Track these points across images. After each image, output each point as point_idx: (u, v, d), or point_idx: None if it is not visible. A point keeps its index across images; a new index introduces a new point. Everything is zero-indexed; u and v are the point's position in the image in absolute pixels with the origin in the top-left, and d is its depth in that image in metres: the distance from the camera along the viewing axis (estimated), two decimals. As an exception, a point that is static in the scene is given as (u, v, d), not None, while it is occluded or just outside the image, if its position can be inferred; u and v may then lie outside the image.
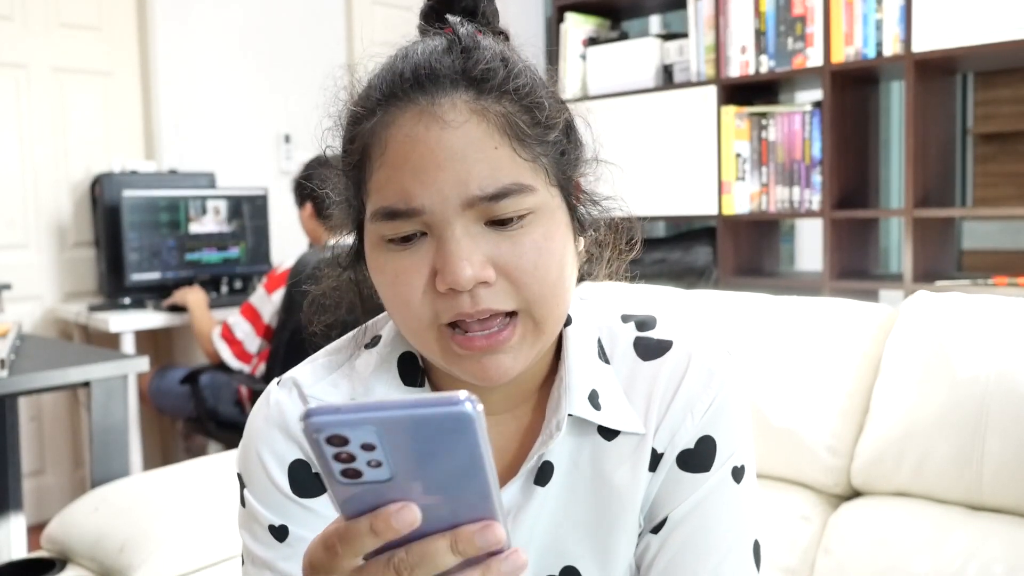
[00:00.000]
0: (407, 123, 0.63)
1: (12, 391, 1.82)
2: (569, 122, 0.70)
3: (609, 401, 0.71)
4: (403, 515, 0.44)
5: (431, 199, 0.62)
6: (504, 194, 0.62)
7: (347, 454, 0.43)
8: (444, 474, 0.44)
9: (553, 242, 0.65)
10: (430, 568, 0.46)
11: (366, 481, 0.44)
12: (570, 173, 0.69)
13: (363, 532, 0.45)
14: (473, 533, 0.45)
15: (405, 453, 0.43)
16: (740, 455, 0.72)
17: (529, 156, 0.64)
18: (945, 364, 1.31)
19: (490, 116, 0.63)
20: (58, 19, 3.21)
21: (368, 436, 0.42)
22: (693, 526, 0.70)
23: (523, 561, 0.47)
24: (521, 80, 0.65)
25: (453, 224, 0.62)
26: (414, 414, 0.42)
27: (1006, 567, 1.17)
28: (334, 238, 0.76)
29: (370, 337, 0.76)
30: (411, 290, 0.63)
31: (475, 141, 0.62)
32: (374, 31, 3.86)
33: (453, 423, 0.42)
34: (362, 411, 0.42)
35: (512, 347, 0.64)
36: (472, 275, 0.61)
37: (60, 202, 3.25)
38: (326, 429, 0.42)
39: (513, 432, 0.73)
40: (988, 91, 4.50)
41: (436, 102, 0.63)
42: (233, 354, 2.67)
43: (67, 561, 1.54)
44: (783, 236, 4.11)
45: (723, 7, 2.82)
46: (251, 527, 0.72)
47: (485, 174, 0.62)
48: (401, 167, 0.63)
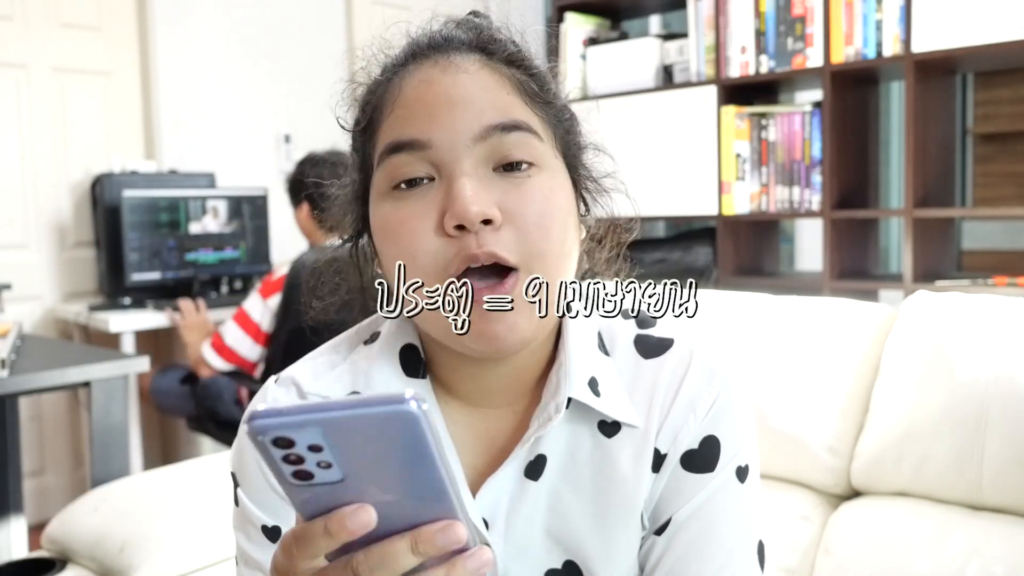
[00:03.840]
0: (423, 70, 0.66)
1: (12, 391, 1.82)
2: (571, 111, 0.73)
3: (609, 390, 0.70)
4: (358, 516, 0.44)
5: (442, 135, 0.63)
6: (515, 127, 0.64)
7: (295, 456, 0.43)
8: (397, 474, 0.44)
9: (558, 197, 0.66)
10: (391, 570, 0.45)
11: (318, 483, 0.44)
12: (575, 152, 0.71)
13: (318, 534, 0.45)
14: (434, 533, 0.45)
15: (353, 453, 0.43)
16: (744, 455, 0.72)
17: (538, 112, 0.67)
18: (945, 364, 1.31)
19: (501, 72, 0.67)
20: (58, 19, 3.21)
21: (313, 437, 0.42)
22: (697, 527, 0.70)
23: (488, 558, 0.47)
24: (529, 56, 0.69)
25: (462, 161, 0.63)
26: (356, 414, 0.41)
27: (1006, 567, 1.17)
28: (332, 237, 0.76)
29: (370, 333, 0.76)
30: (417, 237, 0.63)
31: (488, 85, 0.65)
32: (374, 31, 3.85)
33: (398, 422, 0.42)
34: (305, 412, 0.41)
35: (518, 307, 0.63)
36: (479, 211, 0.61)
37: (60, 202, 3.25)
38: (270, 431, 0.42)
39: (511, 425, 0.72)
40: (988, 91, 4.50)
41: (451, 56, 0.66)
42: (223, 359, 2.67)
43: (67, 561, 1.54)
44: (783, 236, 4.11)
45: (723, 7, 2.82)
46: (245, 528, 0.72)
47: (498, 110, 0.65)
48: (414, 106, 0.65)
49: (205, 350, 2.70)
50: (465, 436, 0.72)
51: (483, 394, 0.72)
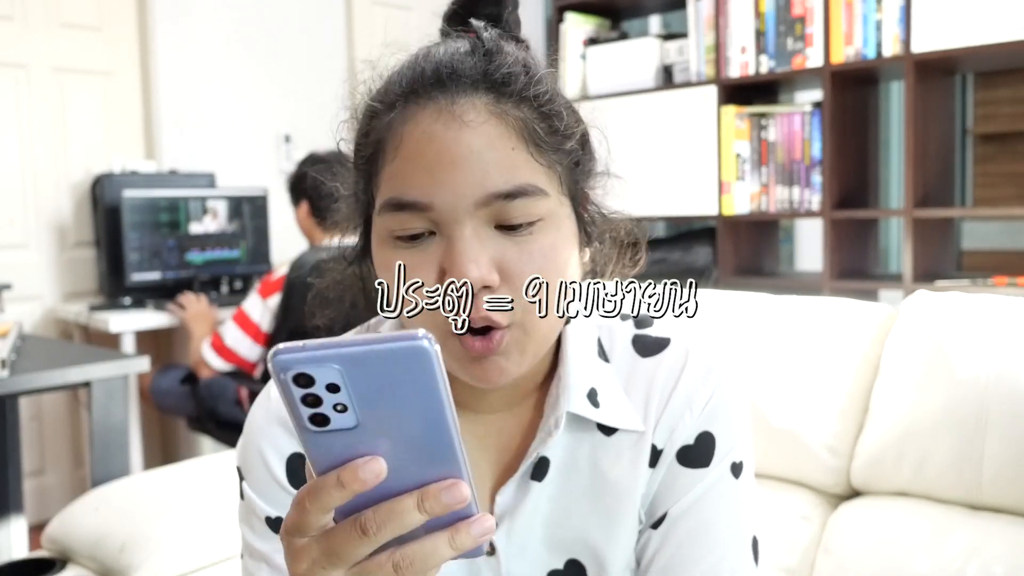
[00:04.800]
0: (425, 120, 0.63)
1: (12, 391, 1.82)
2: (584, 134, 0.70)
3: (608, 399, 0.71)
4: (370, 467, 0.45)
5: (443, 197, 0.62)
6: (519, 193, 0.62)
7: (313, 396, 0.44)
8: (408, 422, 0.45)
9: (559, 253, 0.65)
10: (397, 526, 0.46)
11: (334, 428, 0.45)
12: (582, 184, 0.70)
13: (330, 485, 0.46)
14: (439, 491, 0.46)
15: (368, 395, 0.44)
16: (739, 451, 0.73)
17: (545, 162, 0.64)
18: (945, 364, 1.31)
19: (509, 119, 0.63)
20: (58, 19, 3.21)
21: (332, 376, 0.44)
22: (693, 522, 0.71)
23: (490, 525, 0.48)
24: (541, 88, 0.65)
25: (463, 224, 0.62)
26: (374, 348, 0.43)
27: (1006, 567, 1.17)
28: (334, 236, 0.76)
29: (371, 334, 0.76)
30: (415, 288, 0.63)
31: (493, 141, 0.62)
32: (374, 31, 3.86)
33: (412, 358, 0.43)
34: (325, 348, 0.43)
35: (503, 352, 0.64)
36: (479, 277, 0.61)
37: (60, 202, 3.25)
38: (293, 367, 0.43)
39: (513, 430, 0.73)
40: (988, 91, 4.50)
41: (456, 101, 0.63)
42: (223, 359, 2.67)
43: (67, 561, 1.54)
44: (783, 236, 4.11)
45: (723, 7, 2.82)
46: (250, 520, 0.73)
47: (501, 173, 0.62)
48: (415, 162, 0.62)
49: (205, 350, 2.70)
50: (467, 442, 0.72)
51: (483, 400, 0.73)
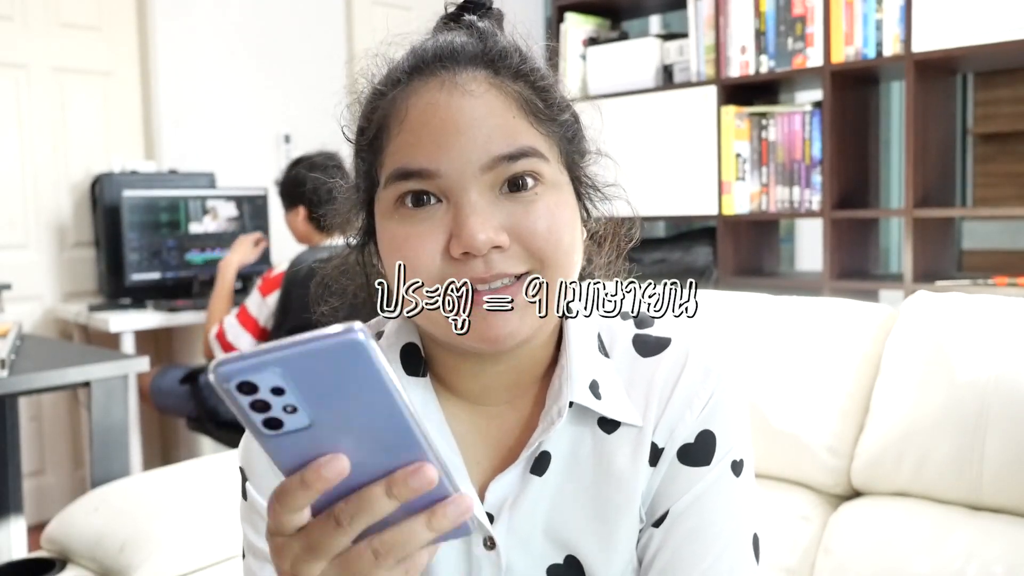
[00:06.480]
0: (429, 92, 0.66)
1: (12, 391, 1.82)
2: (575, 114, 0.73)
3: (609, 392, 0.72)
4: (332, 465, 0.46)
5: (450, 163, 0.64)
6: (522, 154, 0.65)
7: (261, 402, 0.44)
8: (361, 415, 0.45)
9: (564, 212, 0.67)
10: (369, 515, 0.47)
11: (289, 430, 0.45)
12: (577, 160, 0.72)
13: (296, 486, 0.46)
14: (406, 475, 0.47)
15: (314, 394, 0.44)
16: (739, 449, 0.73)
17: (544, 131, 0.67)
18: (945, 364, 1.31)
19: (507, 90, 0.66)
20: (58, 19, 3.21)
21: (274, 379, 0.43)
22: (694, 520, 0.71)
23: (467, 505, 0.49)
24: (534, 66, 0.69)
25: (470, 189, 0.64)
26: (309, 347, 0.43)
27: (1006, 567, 1.17)
28: (330, 238, 0.77)
29: (373, 333, 0.76)
30: (423, 255, 0.64)
31: (495, 109, 0.65)
32: (374, 31, 3.85)
33: (347, 352, 0.43)
34: (263, 354, 0.43)
35: (519, 307, 0.65)
36: (487, 239, 0.63)
37: (60, 202, 3.25)
38: (233, 377, 0.43)
39: (513, 423, 0.73)
40: (988, 91, 4.50)
41: (458, 74, 0.66)
42: (225, 353, 2.67)
43: (67, 561, 1.54)
44: (783, 236, 4.11)
45: (723, 7, 2.82)
46: (252, 520, 0.74)
47: (504, 137, 0.65)
48: (420, 132, 0.65)
49: (212, 340, 2.69)
50: (467, 433, 0.73)
51: (484, 392, 0.73)
